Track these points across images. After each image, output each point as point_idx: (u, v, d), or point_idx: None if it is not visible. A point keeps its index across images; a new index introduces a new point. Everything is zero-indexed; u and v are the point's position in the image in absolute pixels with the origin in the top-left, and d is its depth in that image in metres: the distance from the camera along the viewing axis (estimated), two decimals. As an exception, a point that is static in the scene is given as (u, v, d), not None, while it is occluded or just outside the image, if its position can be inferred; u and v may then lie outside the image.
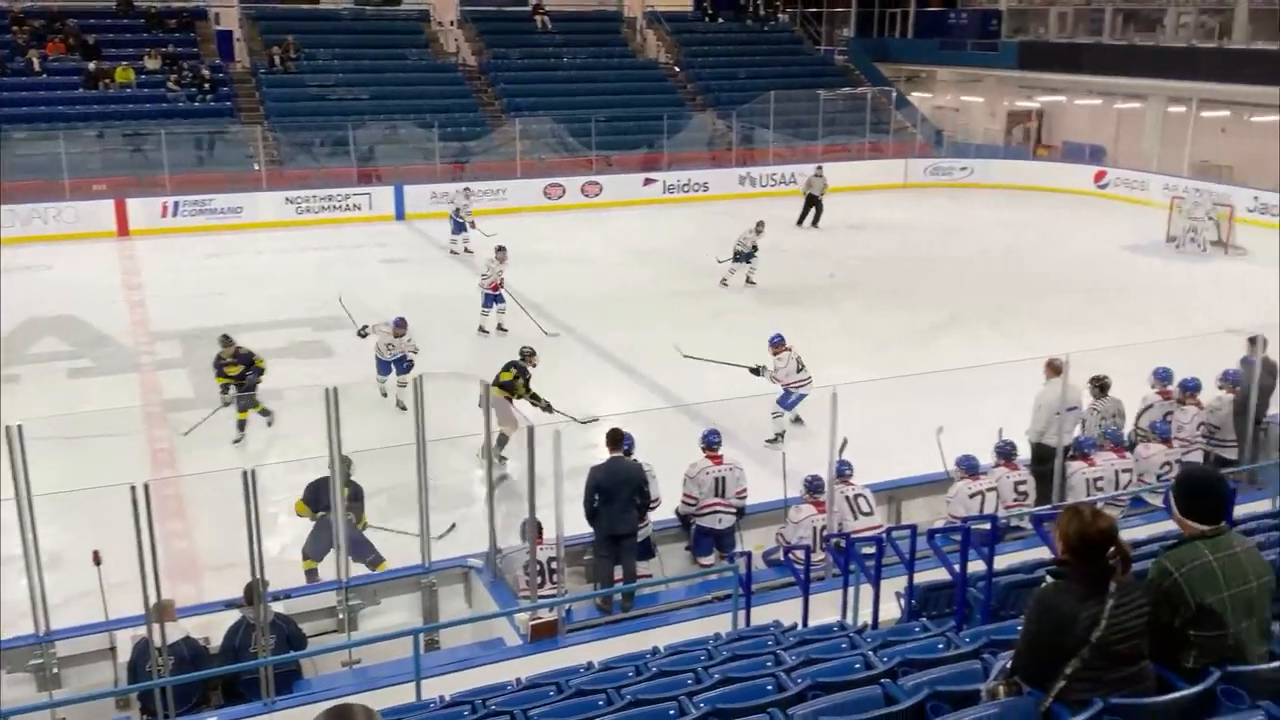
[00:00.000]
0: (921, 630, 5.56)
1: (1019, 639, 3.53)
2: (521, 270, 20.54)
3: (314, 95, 29.01)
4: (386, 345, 13.66)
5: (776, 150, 30.22)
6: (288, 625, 7.33)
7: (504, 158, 28.12)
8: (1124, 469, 9.70)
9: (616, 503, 8.45)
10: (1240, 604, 3.46)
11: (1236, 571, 3.49)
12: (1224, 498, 3.66)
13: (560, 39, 33.55)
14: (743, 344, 15.64)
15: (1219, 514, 3.61)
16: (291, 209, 25.33)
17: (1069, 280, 19.97)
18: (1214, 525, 3.58)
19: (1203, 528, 3.58)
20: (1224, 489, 3.70)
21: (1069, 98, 31.91)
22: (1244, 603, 3.47)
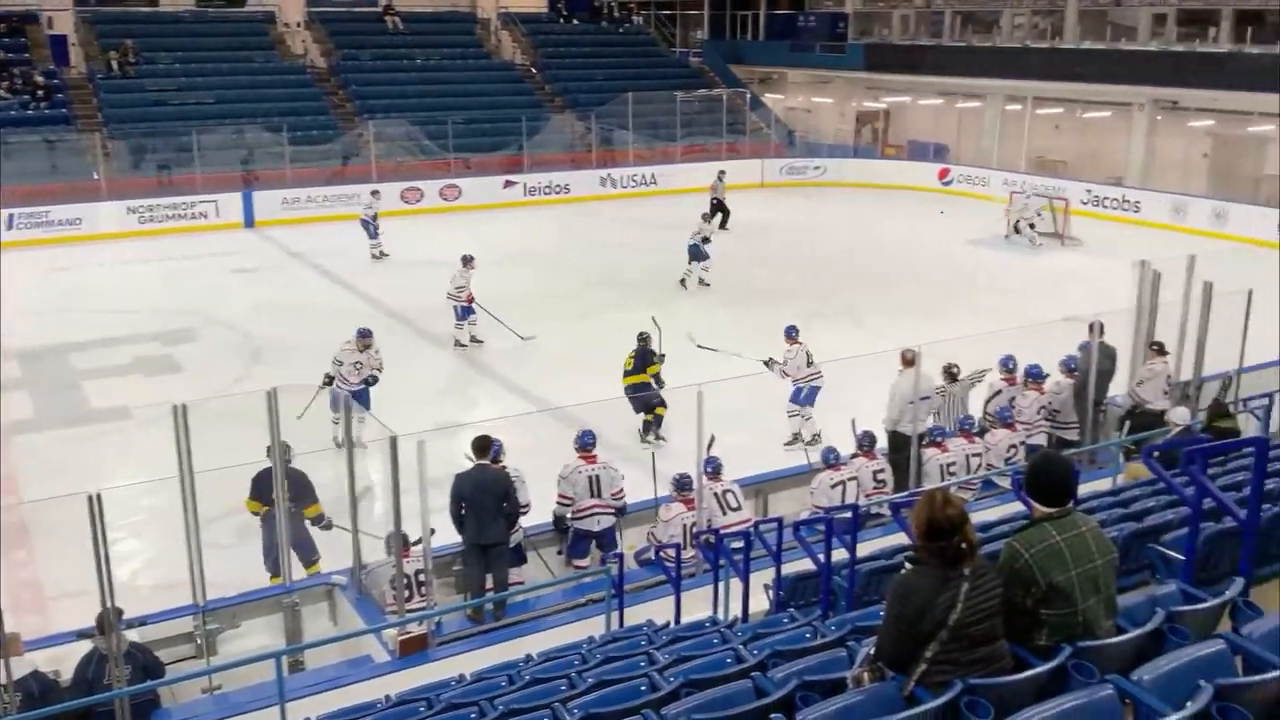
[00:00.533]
0: (790, 621, 5.67)
1: (881, 625, 3.62)
2: (380, 276, 20.21)
3: (155, 100, 27.88)
4: (354, 365, 12.25)
5: (636, 151, 30.43)
6: (143, 654, 7.02)
7: (359, 161, 27.54)
8: (975, 454, 10.09)
9: (484, 511, 8.36)
10: (1087, 581, 3.62)
11: (1082, 550, 3.64)
12: (1069, 481, 3.82)
13: (412, 39, 33.06)
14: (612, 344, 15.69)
15: (1065, 497, 3.76)
16: (134, 219, 24.28)
17: (919, 274, 20.66)
18: (1060, 507, 3.73)
19: (1050, 510, 3.73)
20: (1069, 473, 3.86)
21: (913, 98, 33.04)
22: (1090, 580, 3.63)
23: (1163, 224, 24.18)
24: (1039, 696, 3.23)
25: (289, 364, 14.88)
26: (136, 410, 13.16)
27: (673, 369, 12.58)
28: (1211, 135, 26.28)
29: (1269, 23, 25.54)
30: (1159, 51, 26.57)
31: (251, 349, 16.04)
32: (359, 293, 19.30)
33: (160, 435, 7.62)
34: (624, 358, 12.67)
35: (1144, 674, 3.19)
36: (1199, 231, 23.02)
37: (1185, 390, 11.17)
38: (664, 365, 12.59)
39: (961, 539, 3.42)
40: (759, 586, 7.25)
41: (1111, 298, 12.18)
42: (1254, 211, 23.28)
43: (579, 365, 14.99)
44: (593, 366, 14.91)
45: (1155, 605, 3.78)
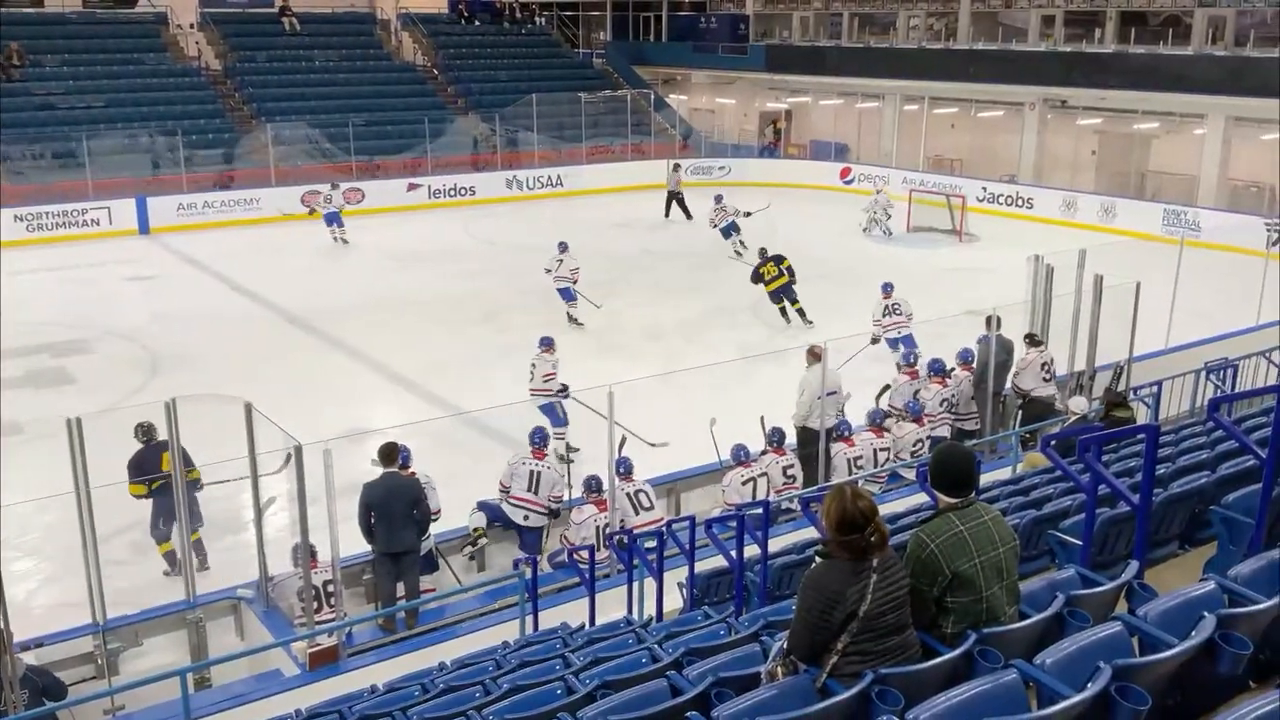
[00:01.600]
0: (704, 618, 5.70)
1: (793, 619, 3.66)
2: (281, 281, 19.80)
3: (41, 104, 26.90)
4: (544, 376, 12.00)
5: (542, 153, 30.32)
6: (41, 677, 6.77)
7: (256, 164, 26.95)
8: (882, 448, 10.29)
9: (394, 519, 8.25)
10: (990, 569, 3.72)
11: (985, 539, 3.74)
12: (971, 472, 3.91)
13: (310, 40, 32.48)
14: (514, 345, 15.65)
15: (967, 487, 3.85)
16: (22, 227, 23.37)
17: (822, 272, 20.94)
18: (963, 497, 3.82)
19: (953, 500, 3.82)
20: (971, 463, 3.96)
21: (814, 98, 33.55)
22: (994, 568, 3.73)
23: (1054, 219, 24.96)
24: (947, 683, 3.30)
25: (189, 374, 14.51)
26: (28, 424, 12.68)
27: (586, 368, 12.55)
28: (1099, 133, 27.21)
29: (1151, 24, 26.55)
30: (1048, 52, 27.42)
31: (149, 360, 15.58)
32: (260, 299, 18.89)
33: (54, 450, 7.36)
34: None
35: (1046, 658, 3.28)
36: (1089, 226, 23.79)
37: (1079, 380, 11.55)
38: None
39: (873, 531, 3.48)
40: (673, 585, 7.29)
41: (1008, 292, 12.52)
42: (1140, 206, 24.21)
43: (482, 368, 14.90)
44: (496, 369, 14.86)
45: (1055, 590, 3.90)
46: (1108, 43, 27.01)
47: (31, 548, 9.59)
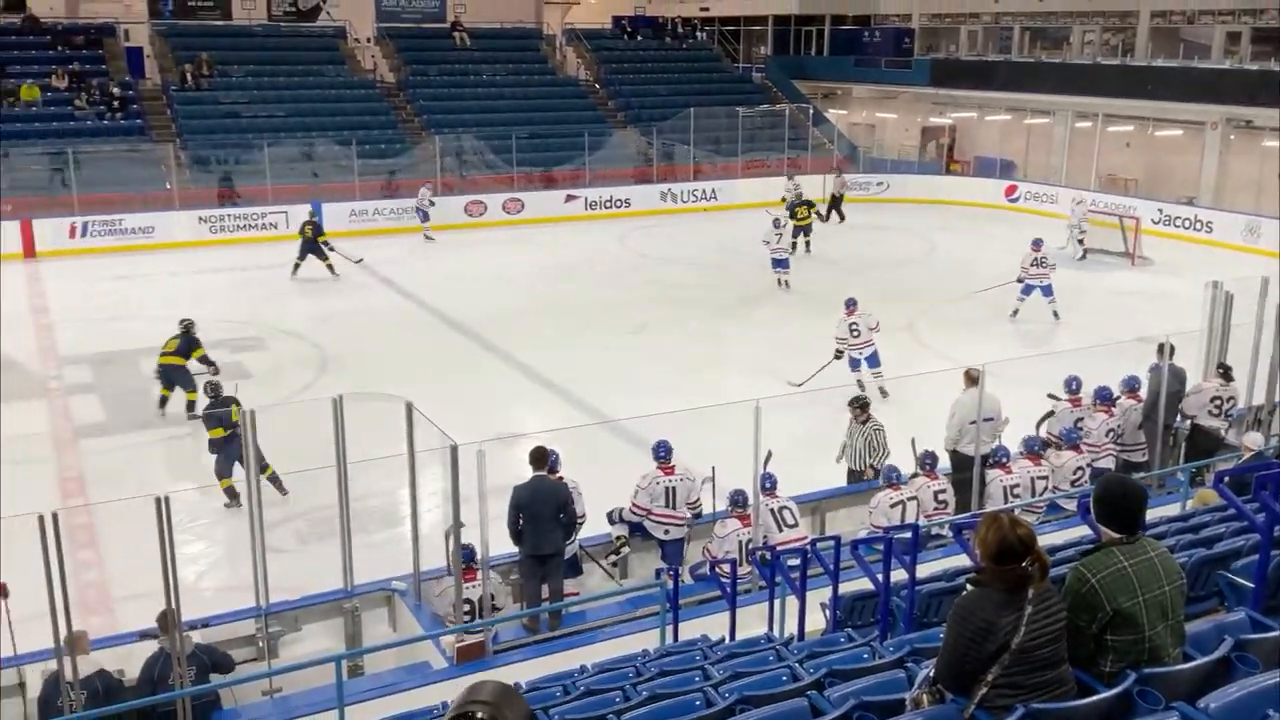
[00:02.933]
0: (847, 640, 5.60)
1: (941, 647, 3.57)
2: (443, 288, 20.44)
3: (227, 113, 28.51)
4: (850, 328, 14.14)
5: (697, 166, 30.47)
6: (208, 654, 7.15)
7: (424, 175, 27.90)
8: (1040, 476, 9.92)
9: (542, 521, 8.40)
10: (1154, 608, 3.55)
11: (1150, 576, 3.57)
12: (1139, 506, 3.74)
13: (479, 55, 33.45)
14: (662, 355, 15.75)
15: (1134, 522, 3.69)
16: (205, 228, 24.82)
17: (983, 292, 20.39)
18: (1129, 533, 3.66)
19: (1118, 535, 3.66)
20: (1139, 497, 3.78)
21: (980, 114, 32.70)
22: (1158, 607, 3.56)
23: (1235, 245, 23.64)
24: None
25: (354, 372, 15.11)
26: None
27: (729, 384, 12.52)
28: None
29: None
30: (1233, 70, 26.04)
31: (318, 358, 16.30)
32: (423, 304, 19.54)
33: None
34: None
35: (1210, 702, 3.12)
36: (1273, 253, 22.42)
37: (1257, 415, 10.89)
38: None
39: (1033, 560, 3.37)
40: (815, 605, 7.19)
41: (1182, 319, 11.93)
42: (1331, 233, 22.69)
43: (632, 377, 15.04)
44: (645, 379, 14.99)
45: (1223, 633, 3.70)
46: (1299, 60, 25.50)
47: (202, 532, 10.14)
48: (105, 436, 13.35)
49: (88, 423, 13.77)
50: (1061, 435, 10.41)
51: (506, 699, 2.62)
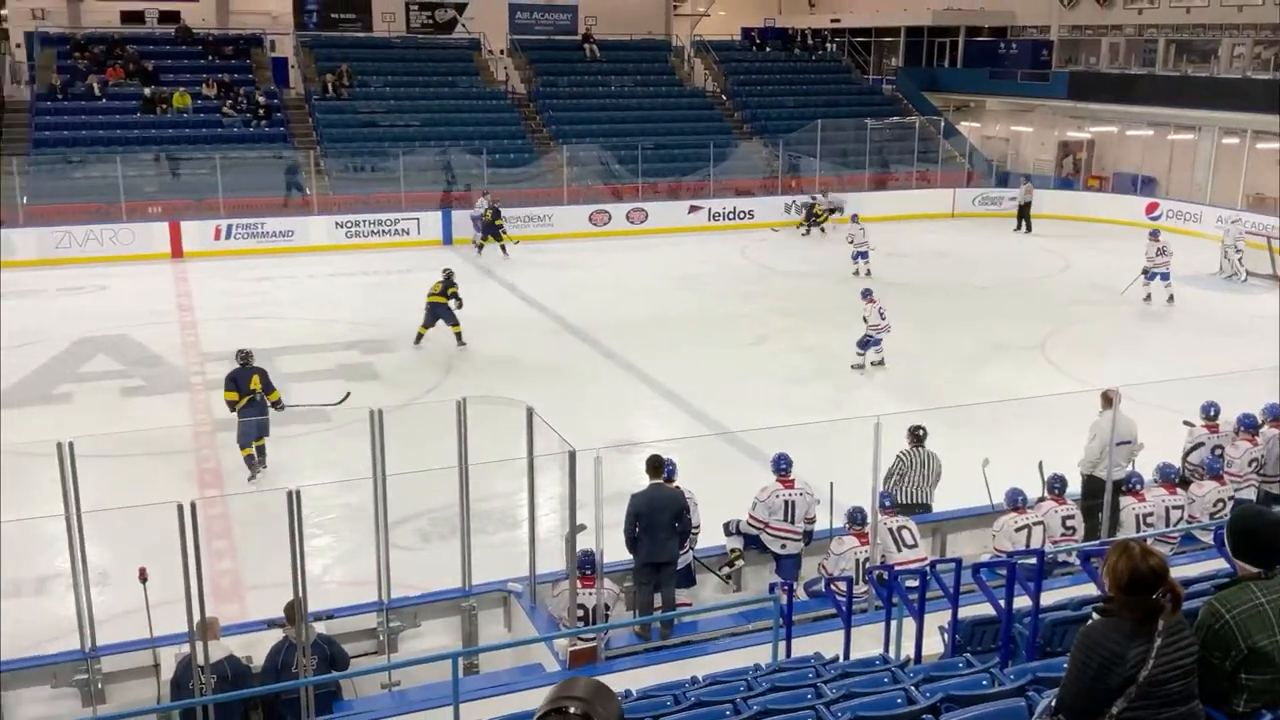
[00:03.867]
0: (965, 666, 5.46)
1: (1065, 677, 3.45)
2: (567, 295, 20.69)
3: (365, 121, 29.44)
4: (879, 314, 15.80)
5: (823, 178, 30.16)
6: (329, 646, 7.36)
7: (551, 184, 28.33)
8: (1175, 505, 9.51)
9: (658, 530, 8.42)
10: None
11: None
12: (1277, 540, 3.57)
13: (608, 66, 33.81)
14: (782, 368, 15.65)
15: (1272, 557, 3.52)
16: (341, 233, 25.67)
17: (1118, 311, 19.71)
18: (1266, 567, 3.50)
19: (1255, 570, 3.51)
20: (1277, 531, 3.62)
21: (1120, 128, 31.60)
22: (1297, 647, 3.38)
23: (1397, 269, 22.30)
24: (1237, 766, 3.01)
25: (478, 376, 15.42)
26: (335, 413, 13.85)
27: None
28: None
29: None
30: (1397, 83, 24.61)
31: (444, 361, 16.67)
32: (545, 310, 19.82)
33: (356, 438, 7.99)
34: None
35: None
36: None
37: None
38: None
39: (1166, 591, 3.25)
40: (933, 628, 7.03)
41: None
42: None
43: (750, 389, 14.98)
44: (763, 391, 14.90)
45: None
46: None
47: (330, 526, 10.46)
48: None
49: (226, 417, 14.33)
50: (1204, 465, 9.97)
51: (600, 696, 2.64)
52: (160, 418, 13.55)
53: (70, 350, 16.90)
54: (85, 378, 15.77)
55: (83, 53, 29.08)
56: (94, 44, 29.61)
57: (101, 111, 27.74)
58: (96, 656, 7.40)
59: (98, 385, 15.33)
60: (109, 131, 26.89)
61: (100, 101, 27.92)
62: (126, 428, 13.27)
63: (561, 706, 2.59)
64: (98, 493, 7.54)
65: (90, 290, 20.99)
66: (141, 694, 7.59)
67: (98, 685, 7.43)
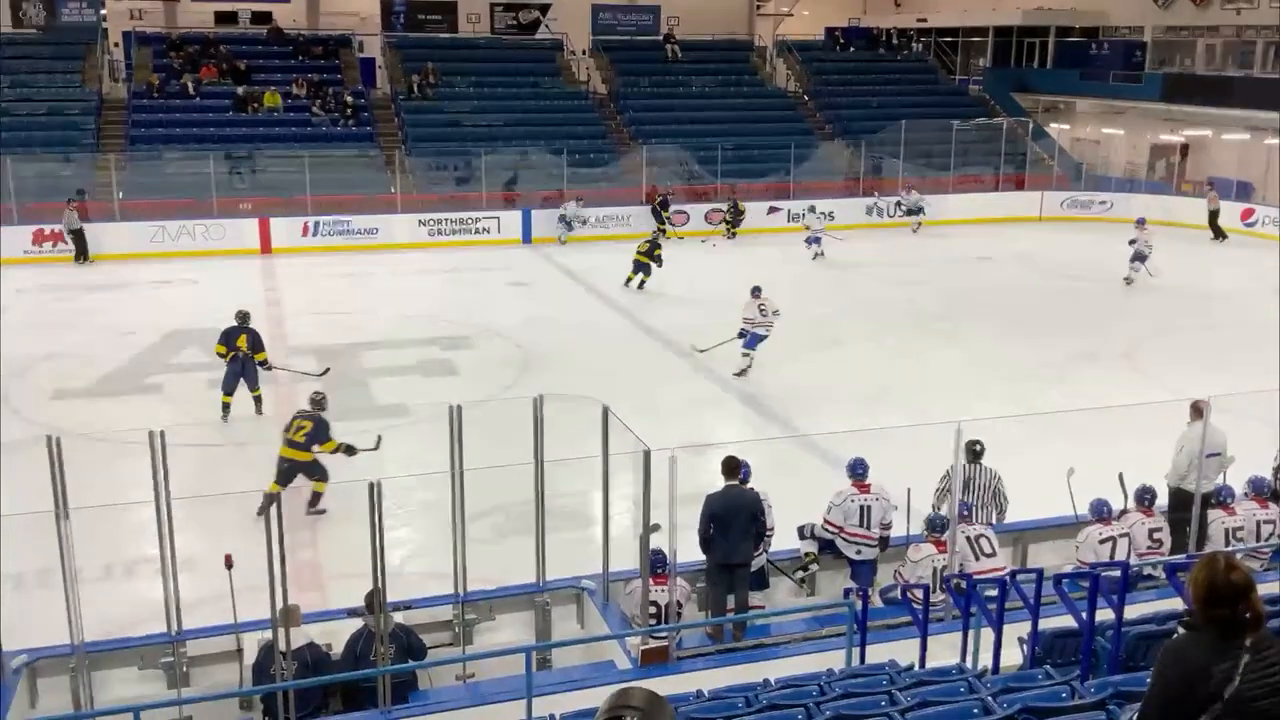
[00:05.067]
0: (1045, 678, 5.36)
1: (1147, 691, 3.38)
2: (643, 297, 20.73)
3: (450, 121, 29.82)
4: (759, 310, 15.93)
5: (905, 180, 29.79)
6: (407, 635, 7.48)
7: (630, 184, 28.41)
8: (1266, 520, 9.21)
9: (733, 531, 8.40)
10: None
11: (1390, 635, 3.27)
12: None
13: (690, 67, 33.78)
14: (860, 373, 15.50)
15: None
16: (424, 231, 26.04)
17: (1212, 320, 19.15)
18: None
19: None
20: None
21: (1215, 131, 30.69)
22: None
23: None
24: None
25: (555, 374, 15.52)
26: (415, 408, 14.06)
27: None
28: None
29: None
30: None
31: (522, 358, 16.83)
32: (623, 311, 19.88)
33: (435, 433, 8.10)
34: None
35: None
36: None
37: None
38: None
39: (1246, 608, 3.15)
40: (1011, 639, 6.90)
41: None
42: None
43: (826, 393, 14.86)
44: (840, 395, 14.76)
45: None
46: None
47: (409, 518, 10.62)
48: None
49: (310, 410, 14.64)
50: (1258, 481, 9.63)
51: (656, 706, 2.65)
52: (247, 409, 13.87)
53: (162, 342, 17.40)
54: (176, 368, 16.22)
55: (178, 52, 29.94)
56: (189, 44, 30.48)
57: (195, 110, 28.52)
58: (182, 640, 7.60)
59: (189, 376, 15.74)
60: (202, 129, 27.66)
61: (194, 100, 28.70)
62: (215, 418, 13.64)
63: (618, 716, 2.61)
64: (188, 480, 7.74)
65: (181, 284, 21.59)
66: (224, 678, 7.79)
67: (183, 668, 7.64)
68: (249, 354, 13.66)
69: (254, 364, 13.77)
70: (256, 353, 13.74)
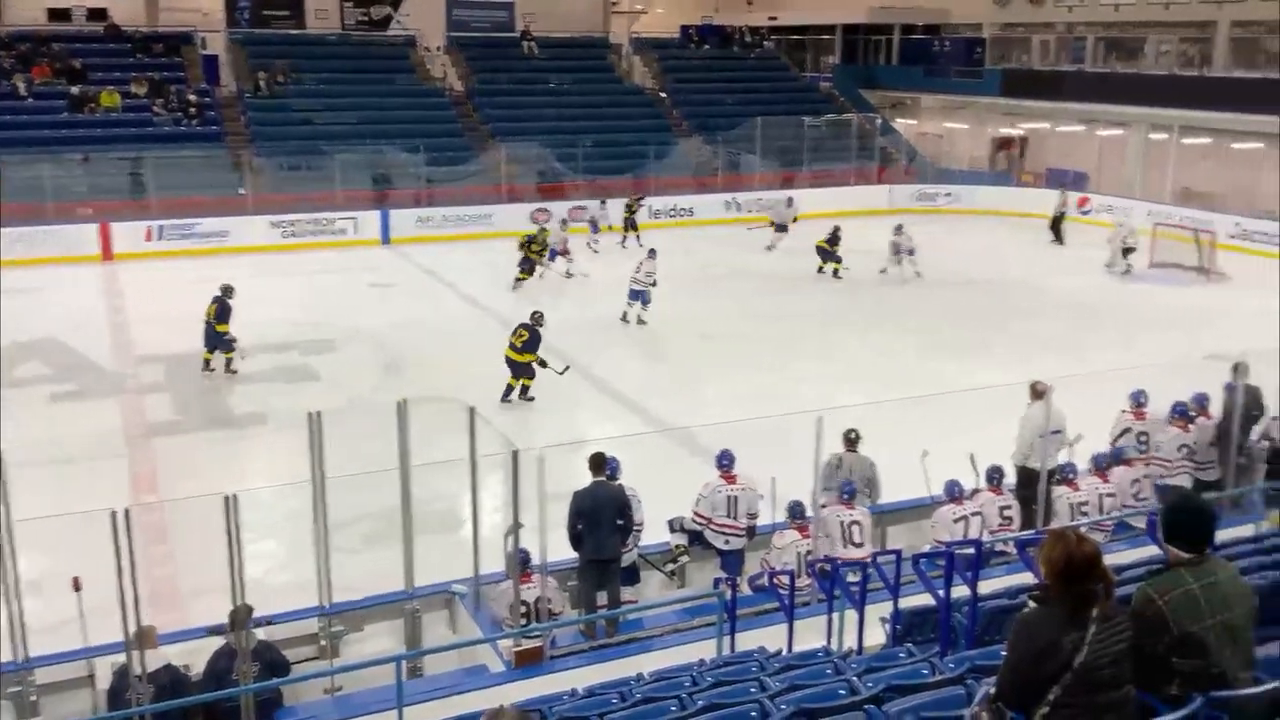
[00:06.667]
0: (906, 656, 5.55)
1: (1002, 664, 3.53)
2: (508, 295, 20.60)
3: (300, 120, 29.05)
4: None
5: (762, 175, 30.37)
6: (270, 652, 7.27)
7: (490, 182, 28.19)
8: (1108, 493, 9.73)
9: (601, 527, 8.43)
10: (1223, 632, 3.47)
11: (1219, 600, 3.50)
12: (1209, 526, 3.68)
13: (547, 64, 33.70)
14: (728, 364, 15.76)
15: (1204, 542, 3.62)
16: (277, 233, 25.31)
17: (1053, 305, 20.10)
18: (1198, 553, 3.59)
19: (1187, 555, 3.60)
20: (1209, 517, 3.71)
21: (1052, 124, 32.21)
22: (1227, 631, 3.48)
23: (1319, 261, 22.97)
24: (1168, 747, 3.10)
25: (421, 377, 15.30)
26: (275, 415, 13.67)
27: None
28: (1376, 169, 24.94)
29: None
30: (1317, 80, 25.38)
31: (385, 361, 16.53)
32: (488, 310, 19.70)
33: (296, 441, 7.90)
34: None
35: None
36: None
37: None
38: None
39: (1098, 579, 3.32)
40: (874, 619, 7.12)
41: (1259, 336, 11.64)
42: None
43: (696, 387, 15.04)
44: (708, 388, 14.98)
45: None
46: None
47: (271, 531, 10.32)
48: (178, 435, 13.65)
49: (161, 420, 14.09)
50: (1111, 453, 10.19)
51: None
52: (94, 423, 13.27)
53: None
54: (15, 383, 15.37)
55: (8, 51, 28.38)
56: (19, 42, 28.91)
57: (27, 111, 27.07)
58: (30, 668, 7.23)
59: (29, 391, 14.96)
60: (36, 131, 26.24)
61: (26, 101, 27.24)
62: (59, 434, 12.99)
63: None
64: (30, 501, 7.36)
65: (19, 293, 20.44)
66: (77, 706, 7.45)
67: (31, 697, 7.27)
68: (210, 321, 15.43)
69: (213, 330, 15.50)
70: (219, 322, 15.41)
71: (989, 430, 10.58)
